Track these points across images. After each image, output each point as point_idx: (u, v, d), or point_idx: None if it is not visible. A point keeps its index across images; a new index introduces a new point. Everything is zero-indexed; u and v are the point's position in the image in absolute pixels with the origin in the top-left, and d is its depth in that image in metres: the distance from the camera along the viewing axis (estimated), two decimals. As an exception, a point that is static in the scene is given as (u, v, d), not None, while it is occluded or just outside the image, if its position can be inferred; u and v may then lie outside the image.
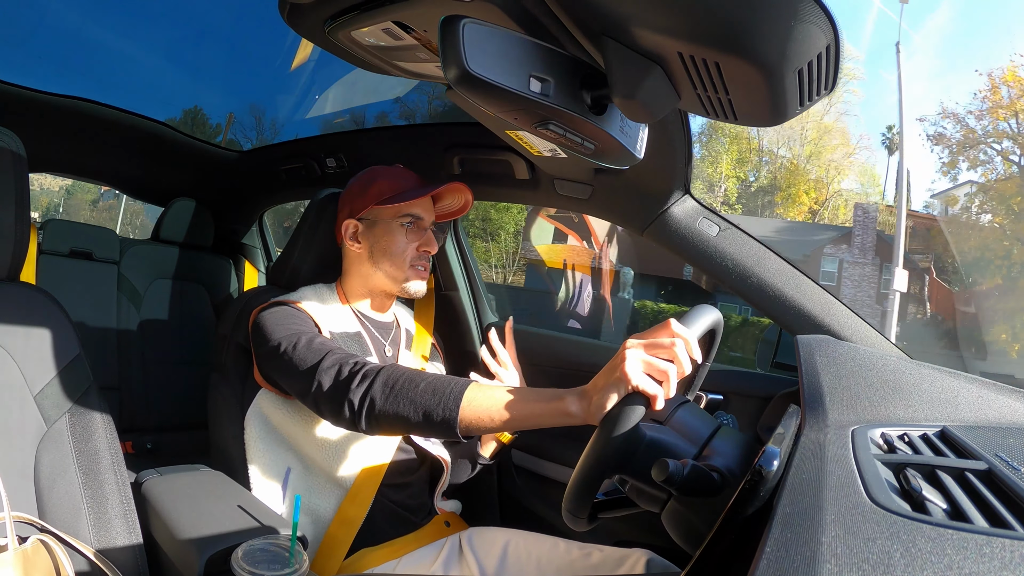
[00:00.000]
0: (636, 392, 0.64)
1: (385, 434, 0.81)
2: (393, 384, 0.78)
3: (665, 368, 0.65)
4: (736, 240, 1.01)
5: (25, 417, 0.73)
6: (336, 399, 0.81)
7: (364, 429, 0.80)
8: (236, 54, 1.81)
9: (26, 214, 0.78)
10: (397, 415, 0.77)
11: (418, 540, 1.03)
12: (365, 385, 0.80)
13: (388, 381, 0.79)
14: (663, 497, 0.65)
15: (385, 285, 1.05)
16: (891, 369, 0.67)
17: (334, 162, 1.57)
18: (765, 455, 0.47)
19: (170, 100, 1.88)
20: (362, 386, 0.80)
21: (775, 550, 0.31)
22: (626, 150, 0.55)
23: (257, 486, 0.98)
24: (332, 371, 0.84)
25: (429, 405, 0.75)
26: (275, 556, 0.71)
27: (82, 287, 1.63)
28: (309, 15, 0.66)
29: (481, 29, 0.42)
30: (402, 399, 0.77)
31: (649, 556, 0.89)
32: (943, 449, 0.48)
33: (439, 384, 0.77)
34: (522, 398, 0.73)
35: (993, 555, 0.29)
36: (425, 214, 1.05)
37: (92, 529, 0.73)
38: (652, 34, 0.42)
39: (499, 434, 1.12)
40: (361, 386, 0.80)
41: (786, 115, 0.46)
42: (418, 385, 0.77)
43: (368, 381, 0.80)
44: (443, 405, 0.74)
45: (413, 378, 0.79)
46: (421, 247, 1.04)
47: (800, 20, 0.37)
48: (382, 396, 0.78)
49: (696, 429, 0.69)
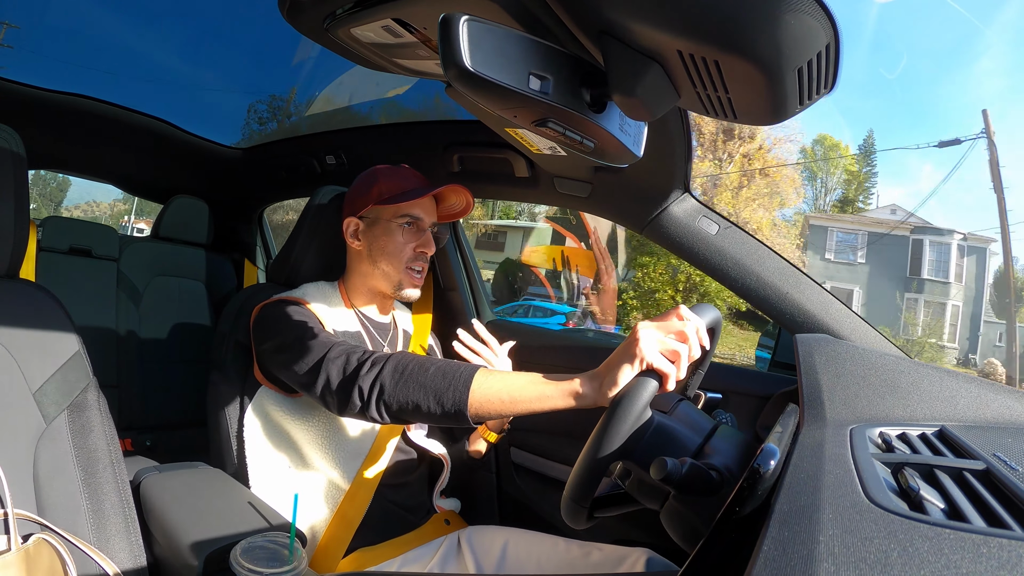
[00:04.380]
0: (650, 369, 0.66)
1: (395, 420, 0.81)
2: (403, 370, 0.79)
3: (678, 348, 0.67)
4: (736, 239, 1.01)
5: (24, 414, 0.73)
6: (345, 388, 0.82)
7: (374, 416, 0.80)
8: (241, 47, 1.81)
9: (26, 211, 0.78)
10: (407, 399, 0.77)
11: (417, 539, 1.03)
12: (375, 372, 0.80)
13: (398, 367, 0.79)
14: (664, 492, 0.65)
15: (382, 286, 1.05)
16: (890, 368, 0.67)
17: (334, 159, 1.57)
18: (763, 454, 0.47)
19: (172, 98, 1.87)
20: (371, 372, 0.80)
21: (772, 549, 0.31)
22: (626, 148, 0.55)
23: (256, 484, 0.99)
24: (340, 361, 0.84)
25: (439, 388, 0.75)
26: (273, 554, 0.71)
27: (81, 284, 1.62)
28: (309, 12, 0.66)
29: (480, 27, 0.41)
30: (412, 383, 0.77)
31: (649, 555, 0.89)
32: (941, 449, 0.48)
33: (448, 368, 0.77)
34: (532, 380, 0.73)
35: (990, 555, 0.29)
36: (425, 215, 1.05)
37: (91, 526, 0.73)
38: (651, 32, 0.42)
39: (485, 434, 1.12)
40: (371, 373, 0.80)
41: (786, 114, 0.46)
42: (428, 370, 0.78)
43: (378, 368, 0.80)
44: (453, 388, 0.75)
45: (423, 363, 0.79)
46: (419, 248, 1.04)
47: (800, 18, 0.37)
48: (392, 381, 0.78)
49: (697, 423, 0.69)
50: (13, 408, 0.72)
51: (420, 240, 1.04)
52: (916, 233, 13.32)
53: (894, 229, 13.97)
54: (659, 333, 0.68)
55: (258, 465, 1.00)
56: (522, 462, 1.31)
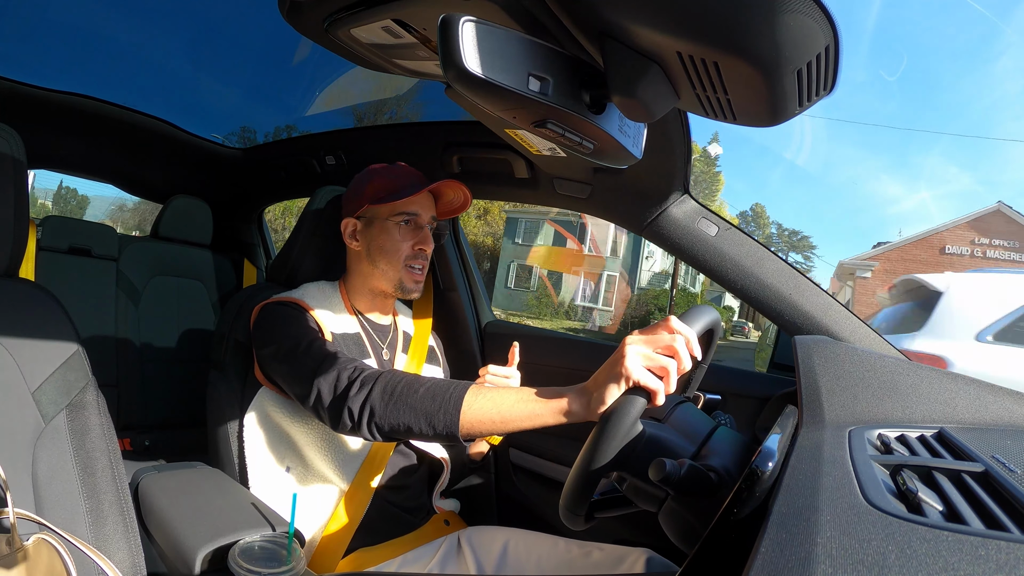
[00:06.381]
0: (637, 387, 0.64)
1: (388, 440, 0.81)
2: (392, 390, 0.78)
3: (666, 364, 0.65)
4: (735, 240, 1.01)
5: (23, 414, 0.73)
6: (336, 407, 0.81)
7: (367, 436, 0.80)
8: (241, 47, 1.81)
9: (25, 211, 0.78)
10: (398, 421, 0.77)
11: (417, 539, 1.03)
12: (364, 393, 0.80)
13: (387, 388, 0.79)
14: (661, 496, 0.65)
15: (382, 284, 1.05)
16: (889, 370, 0.67)
17: (333, 159, 1.57)
18: (762, 455, 0.47)
19: (171, 98, 1.87)
20: (361, 393, 0.80)
21: (770, 550, 0.31)
22: (625, 149, 0.55)
23: (255, 484, 0.99)
24: (331, 378, 0.84)
25: (429, 410, 0.75)
26: (272, 554, 0.71)
27: (81, 284, 1.62)
28: (309, 13, 0.66)
29: (480, 28, 0.41)
30: (401, 405, 0.77)
31: (648, 555, 0.89)
32: (940, 451, 0.48)
33: (438, 388, 0.76)
34: (522, 398, 0.73)
35: (988, 557, 0.29)
36: (422, 211, 1.04)
37: (90, 526, 0.73)
38: (651, 33, 0.42)
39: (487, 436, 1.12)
40: (360, 394, 0.80)
41: (785, 115, 0.46)
42: (417, 391, 0.77)
43: (367, 388, 0.80)
44: (443, 409, 0.74)
45: (412, 383, 0.78)
46: (417, 245, 1.03)
47: (799, 20, 0.37)
48: (381, 403, 0.78)
49: (695, 428, 0.69)
50: (12, 408, 0.72)
51: (418, 237, 1.03)
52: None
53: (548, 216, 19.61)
54: (646, 348, 0.66)
55: (257, 465, 0.99)
56: (521, 463, 1.31)
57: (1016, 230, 15.94)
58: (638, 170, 1.01)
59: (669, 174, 0.99)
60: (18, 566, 0.62)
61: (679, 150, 0.94)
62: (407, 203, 1.03)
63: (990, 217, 16.31)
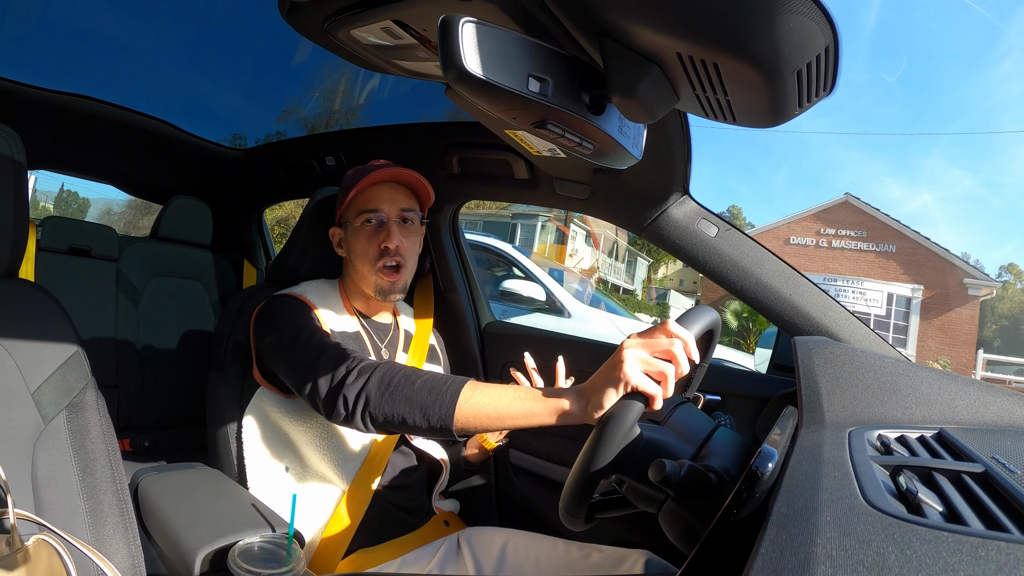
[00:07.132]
0: (635, 391, 0.64)
1: (381, 431, 0.81)
2: (389, 381, 0.78)
3: (663, 368, 0.65)
4: (735, 241, 1.01)
5: (23, 414, 0.73)
6: (332, 395, 0.81)
7: (359, 426, 0.80)
8: (241, 47, 1.81)
9: (25, 211, 0.78)
10: (393, 412, 0.77)
11: (416, 540, 1.03)
12: (361, 382, 0.79)
13: (384, 378, 0.79)
14: (660, 497, 0.65)
15: (366, 288, 1.04)
16: (889, 371, 0.67)
17: (333, 160, 1.57)
18: (761, 456, 0.47)
19: (172, 98, 1.87)
20: (358, 382, 0.80)
21: (770, 551, 0.31)
22: (625, 150, 0.55)
23: (255, 484, 0.98)
24: (329, 366, 0.84)
25: (425, 402, 0.75)
26: (272, 554, 0.71)
27: (80, 284, 1.62)
28: (309, 14, 0.66)
29: (480, 28, 0.41)
30: (397, 396, 0.77)
31: (648, 556, 0.89)
32: (940, 451, 0.48)
33: (435, 382, 0.76)
34: (519, 396, 0.72)
35: (988, 558, 0.29)
36: (385, 206, 1.01)
37: (89, 527, 0.73)
38: (651, 34, 0.42)
39: (484, 441, 1.12)
40: (357, 382, 0.80)
41: (785, 116, 0.46)
42: (414, 382, 0.77)
43: (364, 377, 0.80)
44: (439, 402, 0.74)
45: (409, 375, 0.78)
46: (381, 243, 1.00)
47: (799, 20, 0.37)
48: (377, 393, 0.78)
49: (694, 430, 0.69)
50: (11, 408, 0.72)
51: (380, 236, 1.00)
52: (513, 219, 18.59)
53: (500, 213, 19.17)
54: (644, 353, 0.66)
55: (257, 466, 0.99)
56: (521, 463, 1.31)
57: (864, 220, 16.03)
58: (638, 171, 1.01)
59: (669, 175, 0.99)
60: (18, 567, 0.62)
61: (679, 151, 0.94)
62: (365, 200, 1.01)
63: (838, 208, 16.48)
